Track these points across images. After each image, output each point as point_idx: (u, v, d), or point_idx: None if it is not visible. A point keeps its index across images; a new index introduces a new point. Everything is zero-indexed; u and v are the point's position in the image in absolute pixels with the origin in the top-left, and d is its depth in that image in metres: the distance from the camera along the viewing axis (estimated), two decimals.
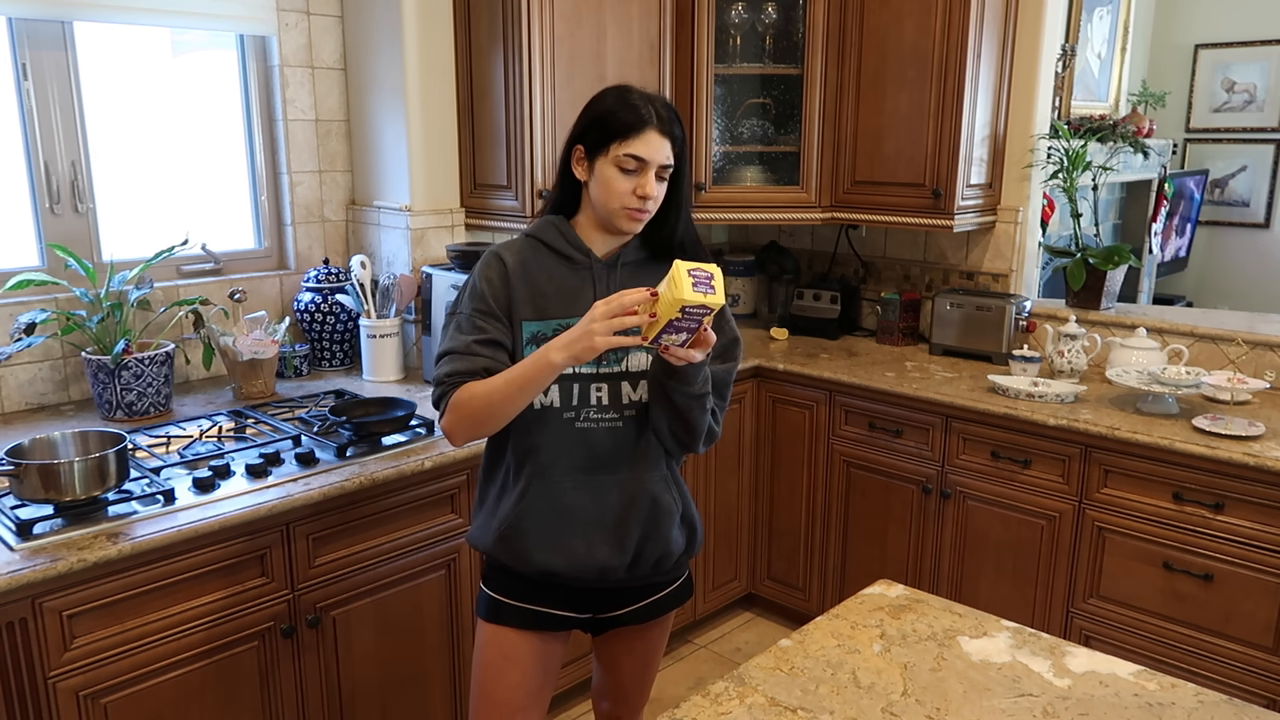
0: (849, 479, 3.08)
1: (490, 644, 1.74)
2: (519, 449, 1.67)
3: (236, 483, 2.03)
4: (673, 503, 1.73)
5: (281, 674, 2.07)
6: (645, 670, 1.90)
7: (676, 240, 1.69)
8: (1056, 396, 2.71)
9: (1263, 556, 2.32)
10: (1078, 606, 2.64)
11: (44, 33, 2.46)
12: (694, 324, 1.44)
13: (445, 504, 2.31)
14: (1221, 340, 2.89)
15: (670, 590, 1.82)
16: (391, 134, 2.88)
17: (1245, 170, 5.45)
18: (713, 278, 1.41)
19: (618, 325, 1.44)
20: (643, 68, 3.02)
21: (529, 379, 1.53)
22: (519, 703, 1.74)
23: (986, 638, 1.51)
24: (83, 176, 2.57)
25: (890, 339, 3.42)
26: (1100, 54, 4.92)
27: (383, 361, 2.81)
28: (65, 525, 1.79)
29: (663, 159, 1.61)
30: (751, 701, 1.34)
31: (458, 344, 1.62)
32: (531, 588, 1.72)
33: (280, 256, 3.01)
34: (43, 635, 1.71)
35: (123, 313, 2.44)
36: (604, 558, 1.67)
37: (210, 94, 2.85)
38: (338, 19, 2.94)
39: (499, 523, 1.68)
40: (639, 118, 1.59)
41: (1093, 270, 3.09)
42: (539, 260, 1.67)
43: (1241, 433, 2.40)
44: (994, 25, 3.02)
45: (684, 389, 1.58)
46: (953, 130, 2.98)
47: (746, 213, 3.31)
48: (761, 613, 3.47)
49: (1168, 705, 1.34)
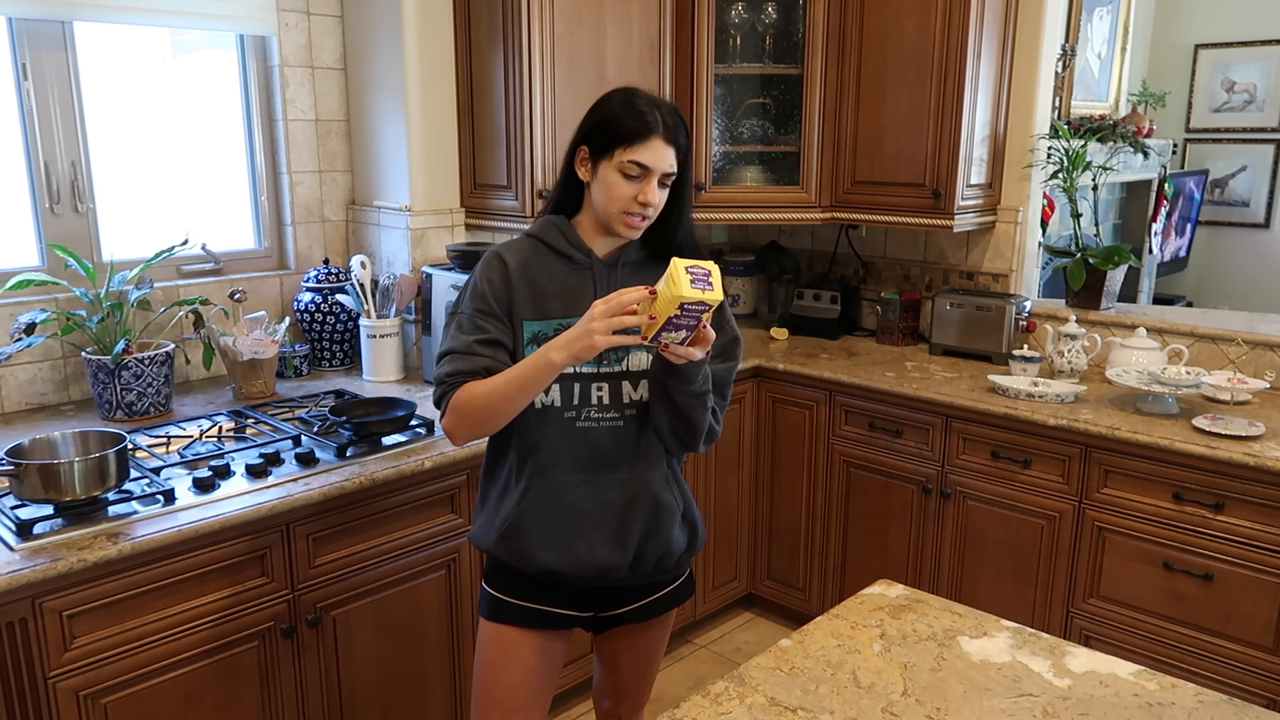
0: (849, 479, 3.08)
1: (492, 642, 1.75)
2: (521, 448, 1.67)
3: (236, 483, 2.03)
4: (674, 501, 1.73)
5: (281, 674, 2.07)
6: (646, 668, 1.91)
7: (676, 243, 1.70)
8: (1056, 396, 2.71)
9: (1263, 556, 2.32)
10: (1078, 606, 2.64)
11: (44, 33, 2.46)
12: (693, 321, 1.45)
13: (445, 504, 2.31)
14: (1221, 340, 2.89)
15: (672, 588, 1.82)
16: (391, 134, 2.88)
17: (1245, 170, 5.45)
18: (711, 275, 1.42)
19: (617, 324, 1.44)
20: (643, 68, 3.02)
21: (529, 379, 1.53)
22: (520, 701, 1.74)
23: (986, 638, 1.51)
24: (83, 176, 2.57)
25: (890, 339, 3.42)
26: (1100, 54, 4.92)
27: (383, 361, 2.81)
28: (65, 525, 1.79)
29: (666, 167, 1.61)
30: (751, 701, 1.34)
31: (459, 344, 1.63)
32: (533, 586, 1.72)
33: (280, 256, 3.01)
34: (43, 635, 1.71)
35: (123, 313, 2.44)
36: (605, 557, 1.67)
37: (210, 94, 2.85)
38: (338, 19, 2.94)
39: (501, 522, 1.69)
40: (645, 124, 1.59)
41: (1093, 270, 3.09)
42: (540, 260, 1.68)
43: (1241, 433, 2.40)
44: (994, 25, 3.02)
45: (685, 387, 1.59)
46: (953, 130, 2.98)
47: (746, 213, 3.31)
48: (761, 613, 3.47)
49: (1168, 705, 1.34)
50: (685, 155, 1.65)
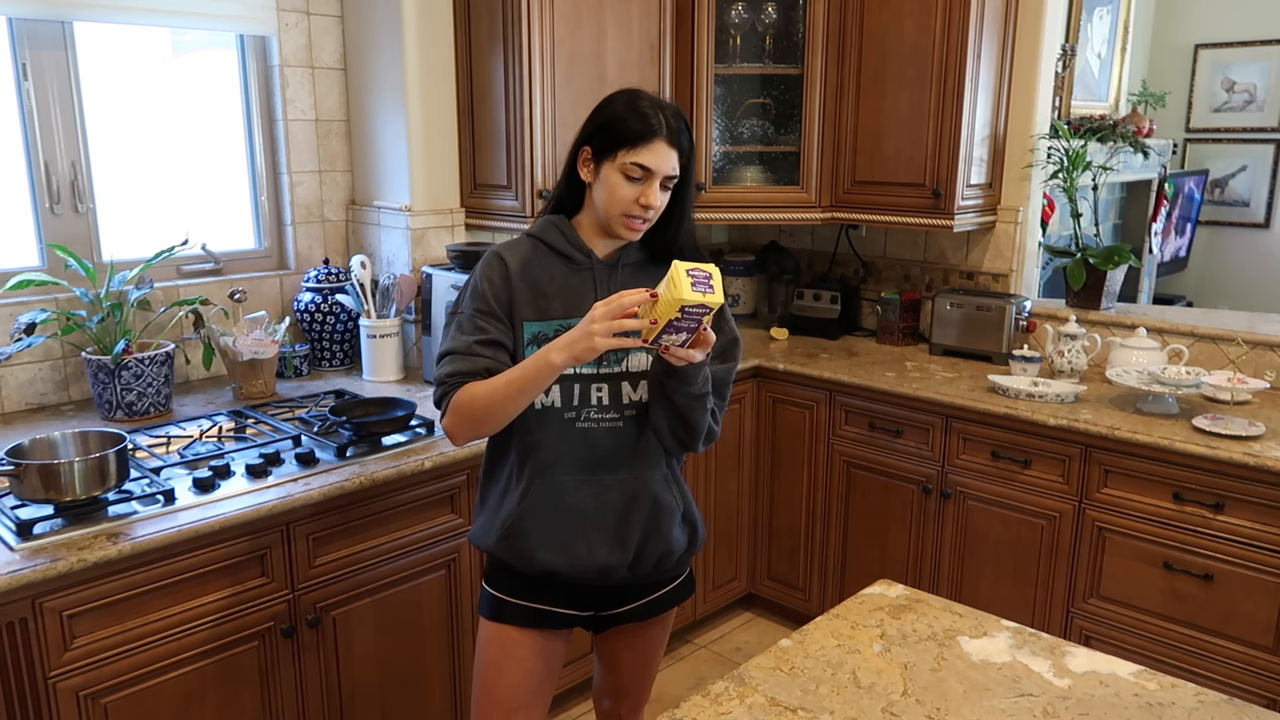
0: (849, 479, 3.08)
1: (492, 642, 1.75)
2: (521, 449, 1.68)
3: (236, 483, 2.03)
4: (674, 502, 1.73)
5: (282, 674, 2.07)
6: (646, 668, 1.91)
7: (677, 245, 1.70)
8: (1056, 396, 2.71)
9: (1263, 556, 2.32)
10: (1078, 606, 2.64)
11: (44, 33, 2.45)
12: (694, 324, 1.45)
13: (445, 504, 2.31)
14: (1221, 340, 2.89)
15: (672, 587, 1.82)
16: (391, 134, 2.88)
17: (1245, 170, 5.45)
18: (711, 277, 1.42)
19: (617, 327, 1.45)
20: (643, 68, 3.02)
21: (529, 380, 1.54)
22: (520, 700, 1.74)
23: (986, 638, 1.51)
24: (83, 176, 2.56)
25: (890, 339, 3.42)
26: (1100, 54, 4.92)
27: (383, 361, 2.81)
28: (65, 525, 1.79)
29: (668, 170, 1.61)
30: (751, 701, 1.34)
31: (459, 344, 1.63)
32: (533, 586, 1.72)
33: (280, 256, 3.01)
34: (43, 635, 1.71)
35: (123, 313, 2.44)
36: (605, 557, 1.67)
37: (210, 94, 2.85)
38: (338, 19, 2.94)
39: (501, 522, 1.69)
40: (649, 127, 1.59)
41: (1093, 270, 3.09)
42: (540, 260, 1.68)
43: (1241, 433, 2.40)
44: (994, 25, 3.02)
45: (684, 389, 1.59)
46: (953, 130, 2.98)
47: (746, 213, 3.31)
48: (761, 613, 3.47)
49: (1168, 705, 1.34)
50: (688, 158, 1.65)
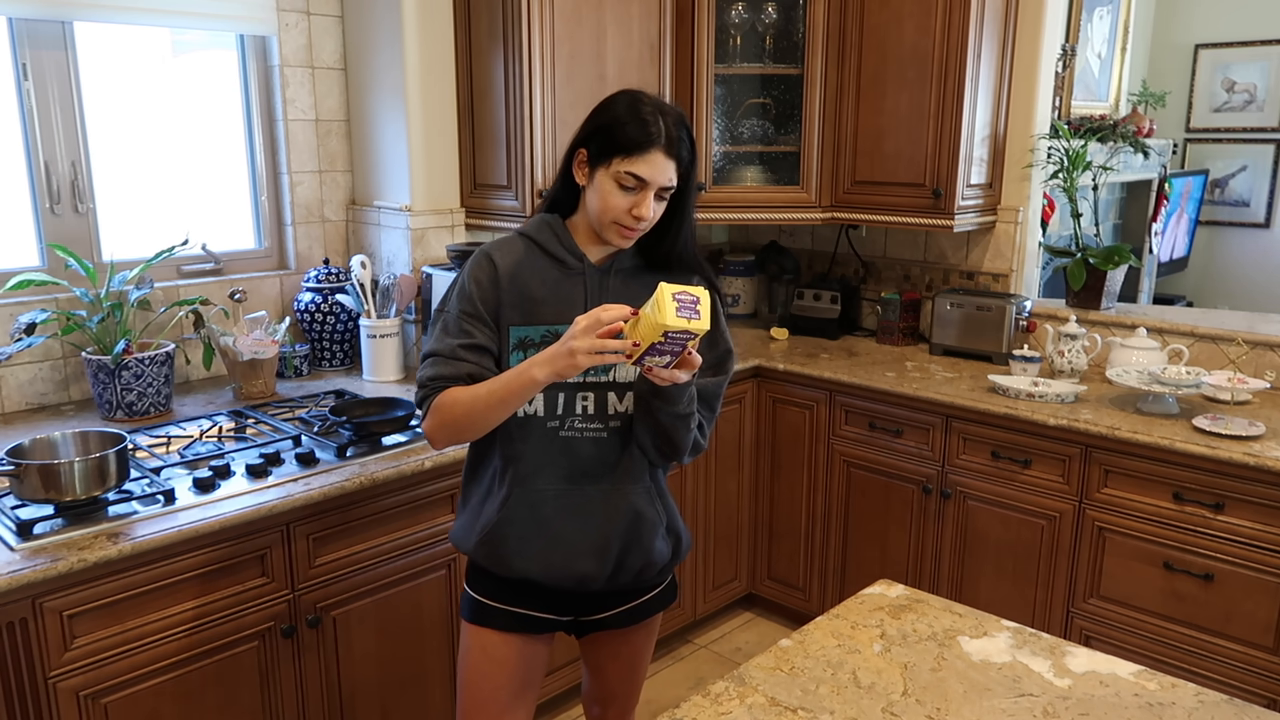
0: (849, 479, 3.08)
1: (474, 646, 1.74)
2: (504, 455, 1.65)
3: (237, 483, 2.03)
4: (656, 515, 1.70)
5: (281, 674, 2.07)
6: (632, 674, 1.89)
7: (675, 254, 1.66)
8: (1057, 396, 2.71)
9: (1263, 556, 2.32)
10: (1078, 606, 2.64)
11: (44, 33, 2.45)
12: (678, 347, 1.41)
13: (445, 504, 2.31)
14: (1221, 340, 2.89)
15: (653, 595, 1.80)
16: (391, 134, 2.88)
17: (1245, 170, 5.45)
18: (699, 302, 1.37)
19: (599, 346, 1.42)
20: (643, 68, 3.02)
21: (511, 393, 1.52)
22: (504, 703, 1.74)
23: (987, 638, 1.51)
24: (83, 176, 2.56)
25: (890, 339, 3.42)
26: (1100, 54, 4.92)
27: (383, 361, 2.81)
28: (65, 525, 1.79)
29: (664, 181, 1.56)
30: (751, 701, 1.34)
31: (443, 347, 1.60)
32: (513, 590, 1.70)
33: (280, 256, 3.01)
34: (43, 635, 1.71)
35: (123, 313, 2.44)
36: (583, 568, 1.65)
37: (210, 94, 2.85)
38: (338, 19, 2.94)
39: (481, 527, 1.67)
40: (647, 136, 1.54)
41: (1093, 270, 3.09)
42: (531, 262, 1.64)
43: (1241, 433, 2.40)
44: (994, 25, 3.02)
45: (669, 409, 1.56)
46: (953, 130, 2.98)
47: (746, 213, 3.31)
48: (761, 613, 3.46)
49: (1168, 705, 1.34)
50: (687, 169, 1.59)
